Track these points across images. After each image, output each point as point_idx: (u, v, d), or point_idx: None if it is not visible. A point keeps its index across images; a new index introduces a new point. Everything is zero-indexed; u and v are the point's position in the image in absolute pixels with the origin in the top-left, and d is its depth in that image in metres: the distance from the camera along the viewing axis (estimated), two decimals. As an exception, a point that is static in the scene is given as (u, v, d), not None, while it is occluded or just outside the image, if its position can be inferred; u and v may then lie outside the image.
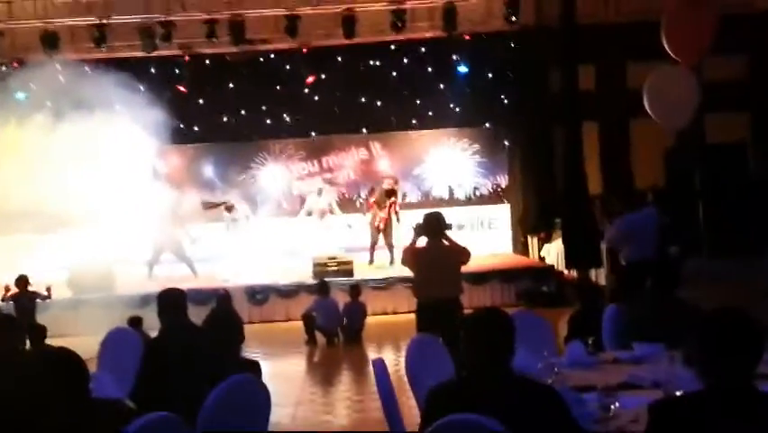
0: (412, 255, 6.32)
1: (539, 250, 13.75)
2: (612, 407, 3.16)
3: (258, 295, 11.70)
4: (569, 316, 5.94)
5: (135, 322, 7.92)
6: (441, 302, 6.00)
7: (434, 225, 6.20)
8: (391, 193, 13.02)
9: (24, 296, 9.60)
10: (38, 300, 9.78)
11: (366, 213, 13.44)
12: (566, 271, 12.47)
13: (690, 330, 3.15)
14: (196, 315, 5.48)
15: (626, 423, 3.10)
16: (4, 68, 12.61)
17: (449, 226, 6.37)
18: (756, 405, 2.41)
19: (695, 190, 12.62)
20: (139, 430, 3.01)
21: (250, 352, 8.42)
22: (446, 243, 6.25)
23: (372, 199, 13.34)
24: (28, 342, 7.18)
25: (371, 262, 12.93)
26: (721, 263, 11.49)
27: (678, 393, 3.13)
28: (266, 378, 4.39)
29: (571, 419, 2.87)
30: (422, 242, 6.29)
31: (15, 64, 12.85)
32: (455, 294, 6.22)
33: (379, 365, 4.07)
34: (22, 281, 9.69)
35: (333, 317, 9.81)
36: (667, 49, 7.86)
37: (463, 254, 6.26)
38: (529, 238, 14.33)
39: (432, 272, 6.13)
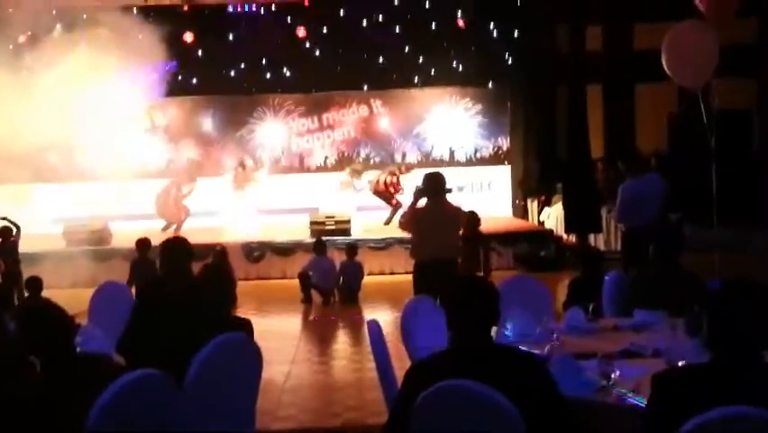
0: (411, 216, 6.22)
1: (539, 213, 13.65)
2: (612, 375, 3.07)
3: (254, 252, 11.62)
4: (569, 281, 5.84)
5: (143, 244, 7.96)
6: (439, 263, 5.88)
7: (434, 185, 6.09)
8: (392, 175, 12.92)
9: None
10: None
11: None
12: (565, 236, 12.39)
13: (696, 299, 3.06)
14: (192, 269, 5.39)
15: (625, 392, 3.01)
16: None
17: (449, 190, 6.23)
18: (764, 379, 2.31)
19: (703, 156, 12.46)
20: (126, 387, 2.91)
21: (245, 309, 8.38)
22: (446, 203, 6.14)
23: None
24: (25, 293, 7.16)
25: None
26: (723, 232, 11.39)
27: (681, 363, 3.05)
28: (261, 336, 4.29)
29: (554, 387, 2.76)
30: (422, 203, 6.17)
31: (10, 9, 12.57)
32: (454, 255, 6.13)
33: (374, 327, 3.99)
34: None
35: (329, 275, 9.74)
36: (698, 4, 7.60)
37: (462, 217, 6.17)
38: (529, 201, 14.23)
39: (431, 233, 6.01)
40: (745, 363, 2.32)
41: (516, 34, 14.30)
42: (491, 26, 14.41)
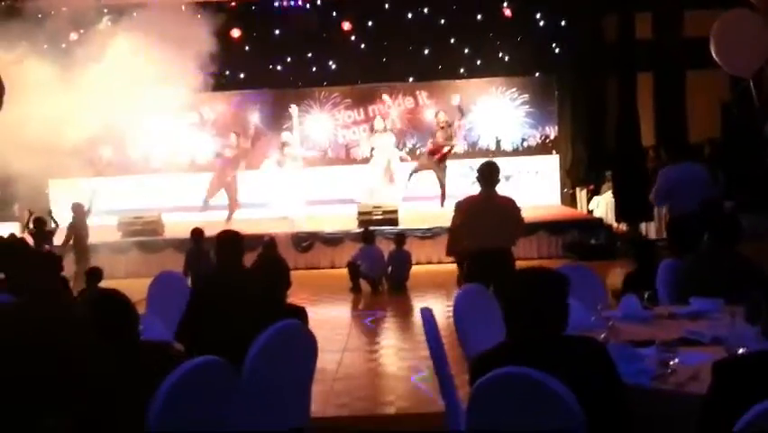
0: (466, 203, 6.23)
1: (587, 202, 13.52)
2: (671, 362, 3.05)
3: (303, 242, 11.74)
4: (624, 274, 5.77)
5: (197, 234, 8.46)
6: (490, 253, 5.86)
7: (487, 174, 6.06)
8: (445, 127, 12.94)
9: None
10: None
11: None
12: (615, 225, 12.25)
13: (755, 286, 3.02)
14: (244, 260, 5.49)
15: (684, 380, 2.98)
16: (53, 12, 12.64)
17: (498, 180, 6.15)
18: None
19: (756, 143, 12.20)
20: (187, 374, 2.99)
21: (295, 299, 8.45)
22: (497, 194, 6.11)
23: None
24: (84, 283, 7.36)
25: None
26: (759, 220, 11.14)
27: (741, 351, 3.01)
28: (311, 324, 4.37)
29: (616, 374, 2.76)
30: (475, 192, 6.18)
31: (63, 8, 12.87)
32: (507, 245, 6.08)
33: (427, 314, 4.01)
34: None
35: (377, 264, 9.80)
36: None
37: (514, 208, 6.14)
38: (578, 190, 14.09)
39: (482, 222, 5.99)
40: None
41: (563, 23, 14.13)
42: (538, 15, 14.27)
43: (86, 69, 10.90)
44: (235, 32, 13.98)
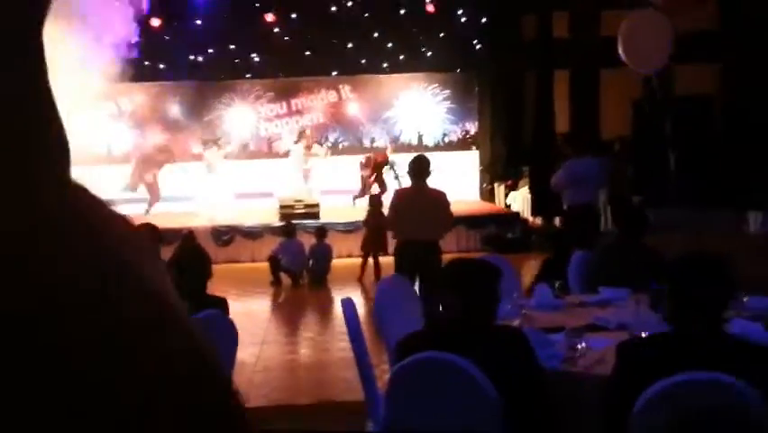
0: (397, 196, 6.43)
1: (505, 197, 13.84)
2: (579, 346, 3.20)
3: (223, 236, 11.64)
4: (542, 260, 5.98)
5: None
6: (420, 244, 6.01)
7: (418, 167, 6.25)
8: (371, 166, 13.00)
9: None
10: None
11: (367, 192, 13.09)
12: (531, 219, 12.58)
13: (656, 275, 3.20)
14: (162, 254, 5.44)
15: (591, 363, 3.14)
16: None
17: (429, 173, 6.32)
18: (723, 348, 2.45)
19: (662, 140, 12.74)
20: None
21: (215, 292, 8.38)
22: (428, 187, 6.26)
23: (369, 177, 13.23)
24: None
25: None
26: (683, 213, 11.68)
27: (643, 334, 3.18)
28: (231, 317, 4.37)
29: (535, 359, 2.89)
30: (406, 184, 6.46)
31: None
32: (436, 237, 6.21)
33: (348, 304, 4.08)
34: None
35: (298, 258, 9.81)
36: None
37: (445, 201, 6.31)
38: (496, 185, 14.40)
39: (412, 214, 6.11)
40: (704, 333, 2.45)
41: (483, 20, 14.40)
42: (460, 12, 14.49)
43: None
44: (155, 22, 13.70)
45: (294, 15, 14.16)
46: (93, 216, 0.41)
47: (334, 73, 14.74)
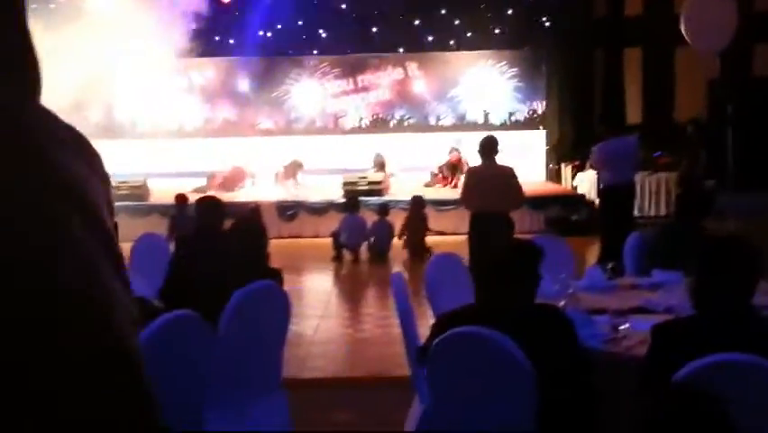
0: (469, 172, 7.03)
1: (572, 178, 13.63)
2: (621, 328, 3.20)
3: (288, 211, 11.84)
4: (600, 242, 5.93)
5: (182, 200, 8.71)
6: (491, 215, 6.44)
7: (488, 146, 6.73)
8: (456, 165, 12.96)
9: None
10: None
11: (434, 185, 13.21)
12: (597, 201, 12.37)
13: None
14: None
15: (634, 344, 3.14)
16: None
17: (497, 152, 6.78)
18: (751, 326, 2.44)
19: (736, 123, 12.33)
20: (163, 326, 3.12)
21: (277, 266, 8.59)
22: (497, 164, 6.73)
23: (440, 174, 13.24)
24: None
25: None
26: (750, 198, 11.32)
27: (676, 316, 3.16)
28: (292, 292, 4.50)
29: (575, 337, 2.91)
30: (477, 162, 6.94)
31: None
32: (504, 209, 6.61)
33: (397, 278, 4.14)
34: None
35: (357, 233, 9.93)
36: None
37: (512, 176, 6.74)
38: (563, 166, 14.20)
39: (484, 188, 6.60)
40: (732, 315, 2.44)
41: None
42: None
43: (72, 29, 10.87)
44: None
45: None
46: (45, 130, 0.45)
47: (401, 50, 14.75)
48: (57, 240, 0.42)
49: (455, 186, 12.86)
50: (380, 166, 13.04)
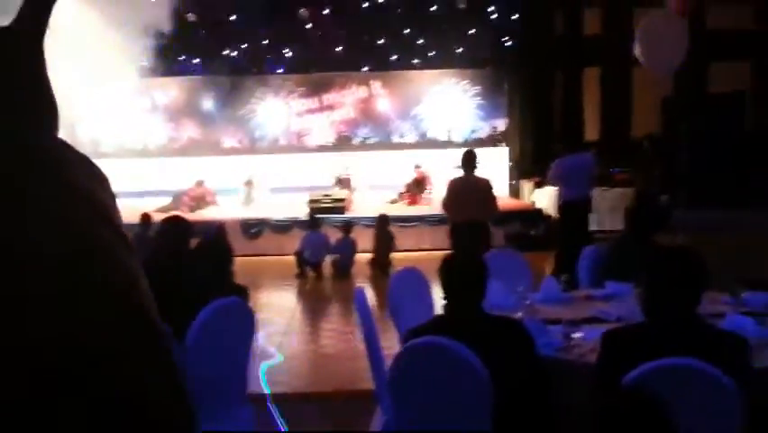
0: (450, 184, 7.44)
1: (532, 194, 13.88)
2: (573, 336, 3.34)
3: (252, 229, 11.88)
4: (555, 255, 6.11)
5: (146, 219, 8.30)
6: (471, 224, 7.00)
7: (467, 160, 7.34)
8: (421, 182, 13.15)
9: None
10: None
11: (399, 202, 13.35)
12: (555, 216, 12.62)
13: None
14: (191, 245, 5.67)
15: (586, 352, 3.28)
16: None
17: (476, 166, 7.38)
18: (695, 333, 2.59)
19: (691, 138, 12.70)
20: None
21: (242, 283, 8.63)
22: (476, 176, 7.31)
23: (407, 192, 13.39)
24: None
25: None
26: (701, 213, 11.66)
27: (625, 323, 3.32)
28: (256, 308, 4.57)
29: (531, 345, 3.05)
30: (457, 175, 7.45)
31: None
32: (483, 217, 7.24)
33: (360, 294, 4.25)
34: None
35: (319, 250, 10.03)
36: None
37: (490, 187, 7.34)
38: (523, 182, 14.45)
39: (464, 199, 7.14)
40: (679, 321, 2.60)
41: (514, 17, 14.45)
42: (490, 9, 14.56)
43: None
44: (191, 17, 13.99)
45: (326, 11, 14.35)
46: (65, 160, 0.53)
47: (365, 69, 14.91)
48: (92, 239, 0.52)
49: (416, 202, 13.06)
50: (344, 183, 13.18)
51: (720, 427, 2.56)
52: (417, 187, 13.22)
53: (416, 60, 14.83)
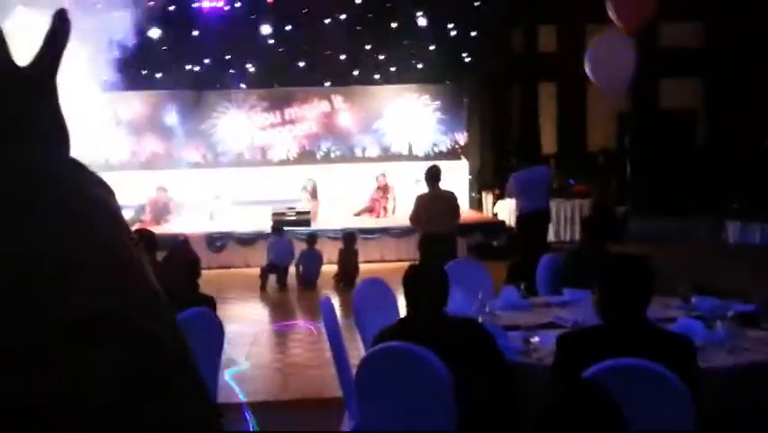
0: (419, 198, 7.87)
1: (493, 205, 14.14)
2: (532, 340, 3.51)
3: (217, 242, 11.93)
4: (509, 264, 6.32)
5: None
6: (438, 235, 7.49)
7: (432, 175, 7.82)
8: (384, 190, 13.33)
9: None
10: None
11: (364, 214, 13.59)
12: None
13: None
14: (157, 258, 5.74)
15: (544, 355, 3.45)
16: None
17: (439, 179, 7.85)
18: (647, 336, 2.78)
19: (646, 152, 13.07)
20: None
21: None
22: (441, 189, 7.83)
23: (374, 201, 13.57)
24: None
25: None
26: (666, 222, 12.01)
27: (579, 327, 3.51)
28: (223, 320, 4.66)
29: (493, 345, 3.21)
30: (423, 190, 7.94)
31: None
32: (449, 229, 7.77)
33: (325, 303, 4.38)
34: None
35: (284, 253, 10.18)
36: (609, 13, 8.21)
37: (455, 200, 7.98)
38: (484, 194, 14.71)
39: (431, 212, 7.59)
40: (630, 324, 2.78)
41: (473, 34, 14.74)
42: (450, 26, 14.82)
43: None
44: (154, 33, 14.00)
45: (288, 27, 14.48)
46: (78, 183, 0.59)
47: (327, 84, 15.07)
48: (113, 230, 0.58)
49: (379, 210, 13.24)
50: (311, 192, 13.30)
51: (670, 423, 2.74)
52: (382, 193, 13.45)
53: (376, 76, 15.02)
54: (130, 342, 0.49)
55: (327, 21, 14.53)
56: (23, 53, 0.66)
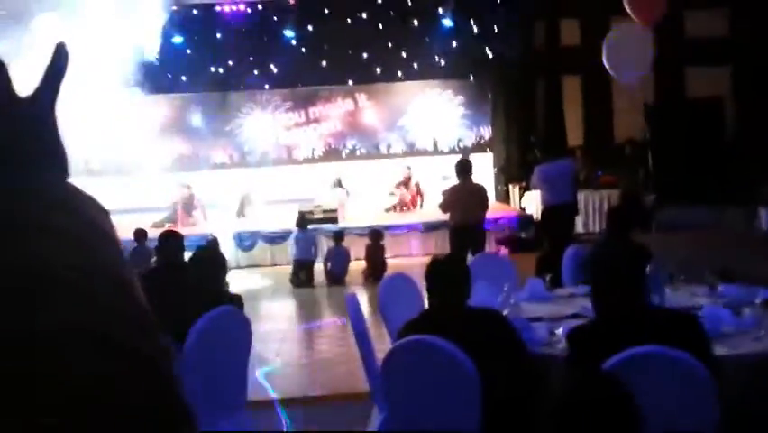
0: (450, 189, 8.31)
1: (520, 198, 14.10)
2: (556, 332, 3.52)
3: (246, 241, 12.04)
4: (537, 257, 6.32)
5: (141, 234, 8.78)
6: (469, 225, 7.84)
7: (463, 167, 8.13)
8: (407, 184, 13.44)
9: None
10: None
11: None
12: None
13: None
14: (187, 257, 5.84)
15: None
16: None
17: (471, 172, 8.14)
18: (651, 320, 2.80)
19: (674, 142, 12.91)
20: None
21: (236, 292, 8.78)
22: (472, 181, 8.12)
23: (400, 192, 13.65)
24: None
25: None
26: (696, 211, 11.89)
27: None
28: (253, 318, 4.73)
29: (516, 336, 3.23)
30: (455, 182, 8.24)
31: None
32: (479, 220, 8.09)
33: (351, 299, 4.42)
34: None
35: (308, 247, 10.27)
36: (625, 7, 8.17)
37: (484, 192, 8.31)
38: (510, 187, 14.67)
39: (463, 203, 7.92)
40: (631, 312, 2.81)
41: (495, 29, 14.68)
42: (472, 21, 14.78)
43: (19, 64, 10.91)
44: (177, 38, 14.15)
45: (311, 28, 14.56)
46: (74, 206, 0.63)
47: (350, 82, 15.11)
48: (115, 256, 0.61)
49: (408, 202, 13.33)
50: (337, 182, 13.40)
51: (692, 410, 2.74)
52: (406, 187, 13.51)
53: (399, 73, 15.04)
54: (108, 357, 0.51)
55: (349, 20, 14.58)
56: (45, 59, 0.70)
